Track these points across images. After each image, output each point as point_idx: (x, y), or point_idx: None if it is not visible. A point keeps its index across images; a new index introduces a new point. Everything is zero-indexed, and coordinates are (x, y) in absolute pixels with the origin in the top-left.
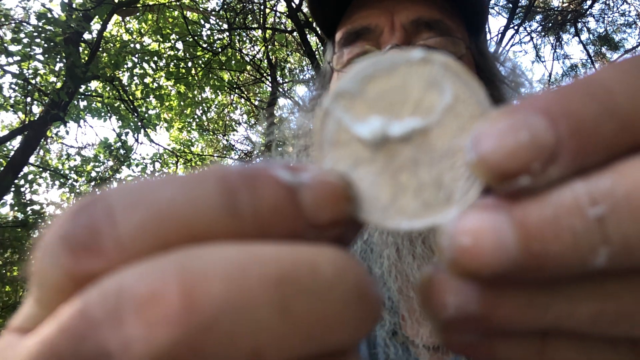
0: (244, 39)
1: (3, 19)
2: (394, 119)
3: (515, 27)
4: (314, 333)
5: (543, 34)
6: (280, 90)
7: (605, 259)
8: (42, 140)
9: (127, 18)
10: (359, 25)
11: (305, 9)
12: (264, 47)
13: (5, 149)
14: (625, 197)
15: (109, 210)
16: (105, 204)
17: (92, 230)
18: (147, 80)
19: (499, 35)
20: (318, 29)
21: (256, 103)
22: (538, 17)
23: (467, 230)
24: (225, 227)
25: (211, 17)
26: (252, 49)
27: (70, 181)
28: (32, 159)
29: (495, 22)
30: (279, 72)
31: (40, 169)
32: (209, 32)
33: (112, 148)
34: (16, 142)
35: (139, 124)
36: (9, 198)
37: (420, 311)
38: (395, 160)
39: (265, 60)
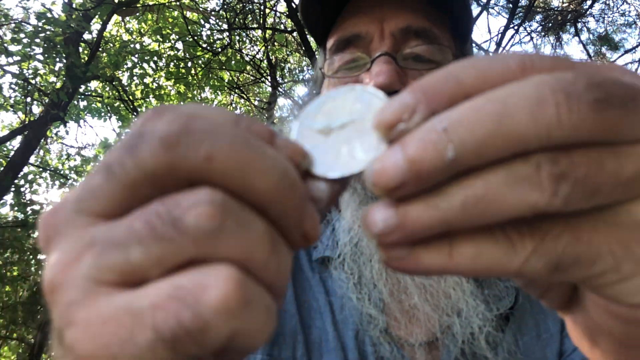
0: (244, 39)
1: (3, 19)
2: (335, 118)
3: (515, 27)
4: None
5: (543, 34)
6: (280, 90)
7: (453, 153)
8: (42, 140)
9: (127, 18)
10: (349, 33)
11: None
12: (264, 47)
13: (5, 149)
14: (457, 114)
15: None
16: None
17: (186, 130)
18: (147, 80)
19: (499, 35)
20: (310, 35)
21: (256, 103)
22: (538, 17)
23: (378, 161)
24: None
25: (211, 17)
26: (252, 49)
27: (70, 181)
28: (32, 159)
29: (495, 22)
30: (279, 72)
31: (40, 169)
32: (209, 32)
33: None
34: (16, 142)
35: None
36: (9, 198)
37: (412, 311)
38: (338, 140)
39: (265, 60)
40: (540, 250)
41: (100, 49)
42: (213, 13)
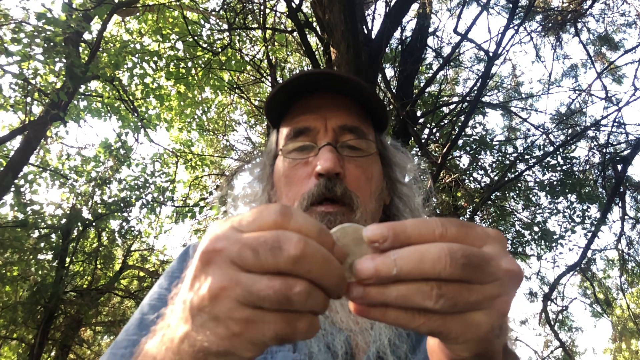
0: (244, 39)
1: (3, 19)
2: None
3: (515, 27)
4: None
5: (543, 34)
6: None
7: (395, 272)
8: (42, 140)
9: (127, 18)
10: (301, 126)
11: (305, 9)
12: (264, 47)
13: (5, 149)
14: (402, 252)
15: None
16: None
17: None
18: (147, 80)
19: (499, 35)
20: (268, 120)
21: (256, 103)
22: (538, 17)
23: (358, 263)
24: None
25: (211, 17)
26: (252, 49)
27: (70, 181)
28: (32, 159)
29: (495, 22)
30: (279, 72)
31: (40, 169)
32: (209, 32)
33: (112, 148)
34: (16, 142)
35: (139, 124)
36: (9, 198)
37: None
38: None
39: (265, 60)
40: (426, 324)
41: (100, 49)
42: (213, 13)
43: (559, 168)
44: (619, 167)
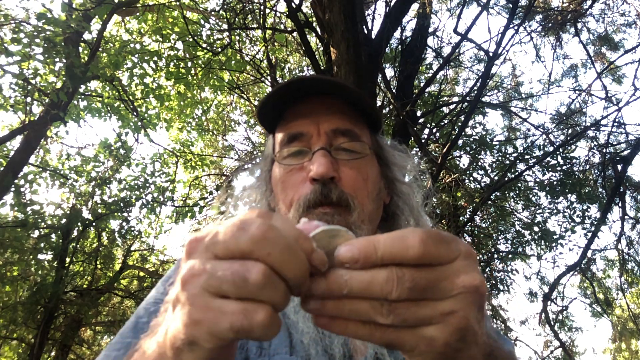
0: (244, 39)
1: (3, 19)
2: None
3: (515, 27)
4: None
5: (543, 34)
6: None
7: (347, 292)
8: (42, 140)
9: (127, 18)
10: (295, 131)
11: (305, 9)
12: (264, 47)
13: (5, 149)
14: (355, 275)
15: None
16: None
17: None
18: (147, 80)
19: (499, 35)
20: (262, 127)
21: (256, 103)
22: (538, 17)
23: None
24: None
25: (211, 17)
26: (252, 49)
27: (70, 181)
28: (32, 159)
29: (495, 22)
30: (279, 72)
31: (40, 169)
32: (209, 32)
33: (112, 148)
34: (16, 142)
35: (139, 124)
36: (9, 198)
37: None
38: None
39: (265, 60)
40: (382, 337)
41: (100, 49)
42: (213, 13)
43: (559, 168)
44: (619, 167)
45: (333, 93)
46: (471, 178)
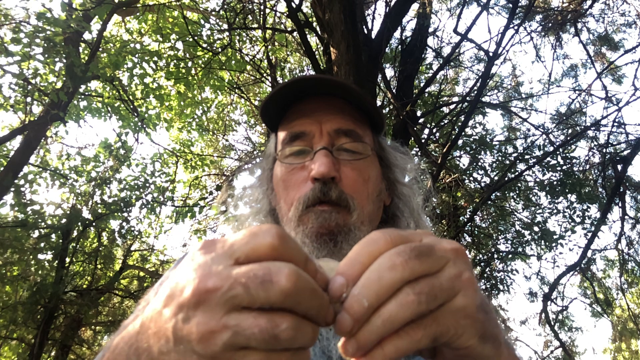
0: (244, 39)
1: (3, 19)
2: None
3: (515, 27)
4: None
5: (543, 34)
6: None
7: (368, 303)
8: (42, 140)
9: (127, 18)
10: (297, 130)
11: (305, 9)
12: (264, 47)
13: (5, 149)
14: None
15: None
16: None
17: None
18: (147, 80)
19: (499, 35)
20: (265, 125)
21: (256, 103)
22: (538, 17)
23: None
24: None
25: (211, 17)
26: (252, 49)
27: (70, 181)
28: (32, 159)
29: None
30: (279, 72)
31: (40, 169)
32: (209, 32)
33: (112, 148)
34: (16, 142)
35: (139, 123)
36: (9, 198)
37: None
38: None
39: (265, 60)
40: (424, 333)
41: (100, 49)
42: (213, 13)
43: (559, 168)
44: (619, 167)
45: (336, 93)
46: (471, 178)
